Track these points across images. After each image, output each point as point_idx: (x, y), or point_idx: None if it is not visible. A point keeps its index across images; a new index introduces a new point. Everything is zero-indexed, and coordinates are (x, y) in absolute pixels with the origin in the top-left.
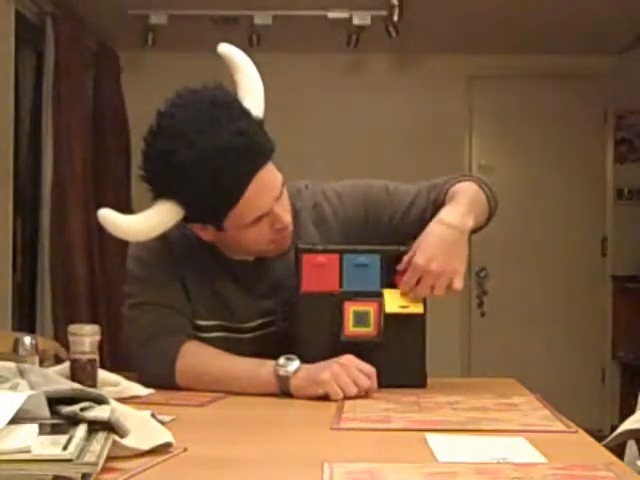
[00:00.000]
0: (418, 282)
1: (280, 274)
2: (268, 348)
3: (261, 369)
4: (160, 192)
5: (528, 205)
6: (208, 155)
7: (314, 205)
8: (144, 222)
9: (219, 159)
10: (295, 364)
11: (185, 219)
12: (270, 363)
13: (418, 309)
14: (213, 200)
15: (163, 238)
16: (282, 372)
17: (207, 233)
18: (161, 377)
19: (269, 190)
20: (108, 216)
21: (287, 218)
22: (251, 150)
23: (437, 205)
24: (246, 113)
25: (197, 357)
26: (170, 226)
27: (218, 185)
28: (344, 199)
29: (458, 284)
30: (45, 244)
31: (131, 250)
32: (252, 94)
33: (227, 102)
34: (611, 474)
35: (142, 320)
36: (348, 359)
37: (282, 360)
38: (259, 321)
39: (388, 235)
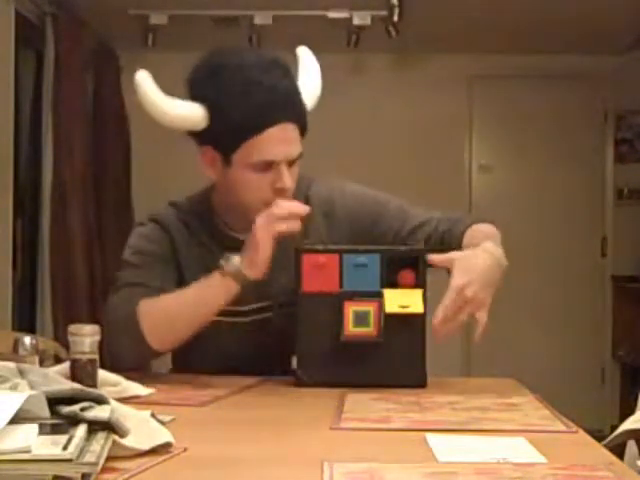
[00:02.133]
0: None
1: (280, 260)
2: (267, 333)
3: (211, 276)
4: (197, 95)
5: (528, 205)
6: (253, 83)
7: (327, 198)
8: (172, 106)
9: (260, 91)
10: (230, 257)
11: (202, 138)
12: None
13: (418, 309)
14: (237, 123)
15: (164, 228)
16: (221, 265)
17: (214, 169)
18: (126, 323)
19: (286, 145)
20: (144, 82)
21: (290, 183)
22: (289, 103)
23: (446, 238)
24: (298, 85)
25: (157, 298)
26: (188, 128)
27: (248, 111)
28: (359, 202)
29: (483, 317)
30: (45, 244)
31: (131, 240)
32: (307, 86)
33: (286, 66)
34: (611, 474)
35: (118, 294)
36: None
37: (222, 261)
38: (258, 304)
39: None
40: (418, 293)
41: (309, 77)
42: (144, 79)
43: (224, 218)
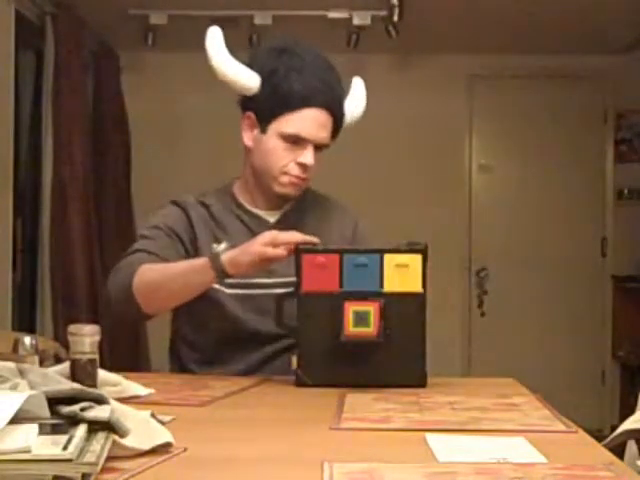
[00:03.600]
0: None
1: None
2: (286, 307)
3: (197, 259)
4: (256, 66)
5: (528, 205)
6: (309, 70)
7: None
8: (233, 69)
9: (313, 77)
10: (224, 244)
11: (249, 103)
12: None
13: (417, 288)
14: (284, 94)
15: (182, 208)
16: (212, 250)
17: (251, 134)
18: (123, 282)
19: (319, 128)
20: (213, 38)
21: (311, 161)
22: (335, 97)
23: None
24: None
25: (154, 266)
26: (238, 90)
27: (297, 87)
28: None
29: None
30: (45, 244)
31: (149, 218)
32: (352, 107)
33: (340, 77)
34: (611, 474)
35: (125, 259)
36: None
37: (212, 248)
38: (277, 279)
39: None
40: (418, 274)
41: (355, 104)
42: (214, 35)
43: (243, 199)
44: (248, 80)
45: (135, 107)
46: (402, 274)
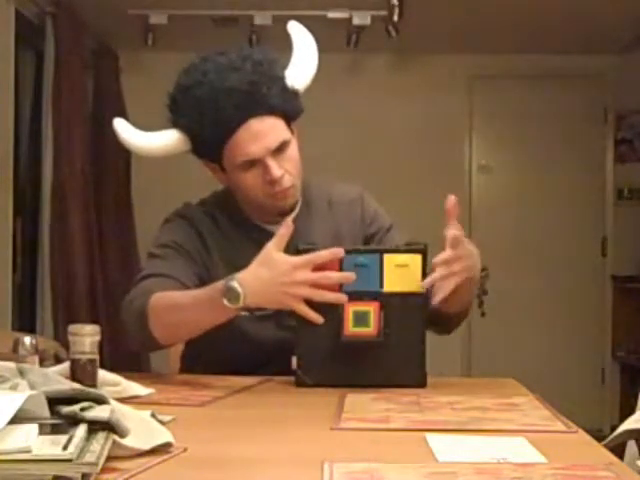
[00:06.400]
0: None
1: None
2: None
3: (215, 298)
4: (174, 121)
5: (528, 205)
6: (216, 94)
7: (352, 199)
8: (147, 139)
9: (223, 98)
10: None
11: (198, 155)
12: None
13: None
14: (210, 136)
15: (191, 223)
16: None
17: (220, 177)
18: (138, 316)
19: (259, 140)
20: (119, 126)
21: (277, 173)
22: (254, 97)
23: None
24: (274, 73)
25: (168, 299)
26: (171, 153)
27: (215, 121)
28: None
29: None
30: (45, 244)
31: (158, 236)
32: (297, 65)
33: (260, 59)
34: (611, 474)
35: (137, 286)
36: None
37: (225, 285)
38: None
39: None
40: (418, 275)
41: (299, 52)
42: (119, 123)
43: (247, 210)
44: (166, 143)
45: (135, 107)
46: (402, 274)
